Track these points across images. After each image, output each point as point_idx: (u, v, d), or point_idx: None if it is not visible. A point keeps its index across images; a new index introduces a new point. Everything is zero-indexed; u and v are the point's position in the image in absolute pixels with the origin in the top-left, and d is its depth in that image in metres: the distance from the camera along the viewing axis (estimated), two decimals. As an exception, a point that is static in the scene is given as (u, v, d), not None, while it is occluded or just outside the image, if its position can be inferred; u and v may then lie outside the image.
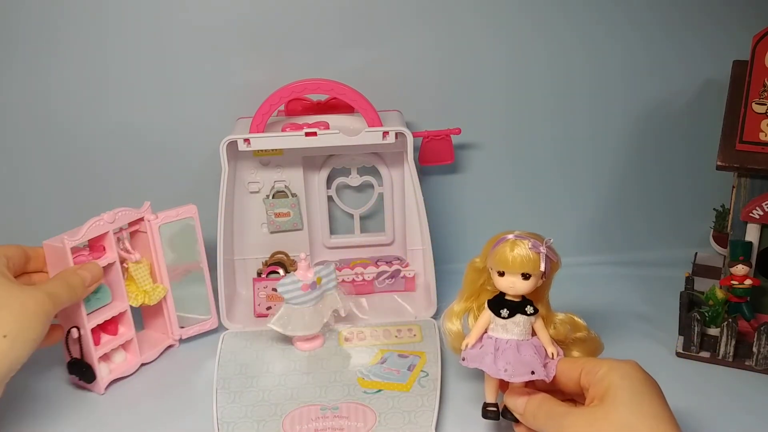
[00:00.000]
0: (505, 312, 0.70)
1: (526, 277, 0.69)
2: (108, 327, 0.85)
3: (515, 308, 0.70)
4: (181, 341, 0.92)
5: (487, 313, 0.71)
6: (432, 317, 0.93)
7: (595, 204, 1.07)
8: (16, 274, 0.78)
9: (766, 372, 0.83)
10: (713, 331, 0.85)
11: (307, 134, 0.88)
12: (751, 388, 0.81)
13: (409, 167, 0.91)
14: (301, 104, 0.94)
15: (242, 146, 0.88)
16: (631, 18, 0.97)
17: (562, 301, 0.76)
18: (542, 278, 0.70)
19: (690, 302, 0.85)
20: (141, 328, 0.92)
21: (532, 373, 0.68)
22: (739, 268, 0.82)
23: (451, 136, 0.98)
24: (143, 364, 0.88)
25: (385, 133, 0.88)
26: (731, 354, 0.84)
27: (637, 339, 0.90)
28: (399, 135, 0.89)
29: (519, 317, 0.70)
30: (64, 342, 0.82)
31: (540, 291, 0.72)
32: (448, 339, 0.77)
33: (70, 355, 0.83)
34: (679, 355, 0.87)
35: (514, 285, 0.69)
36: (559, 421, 0.63)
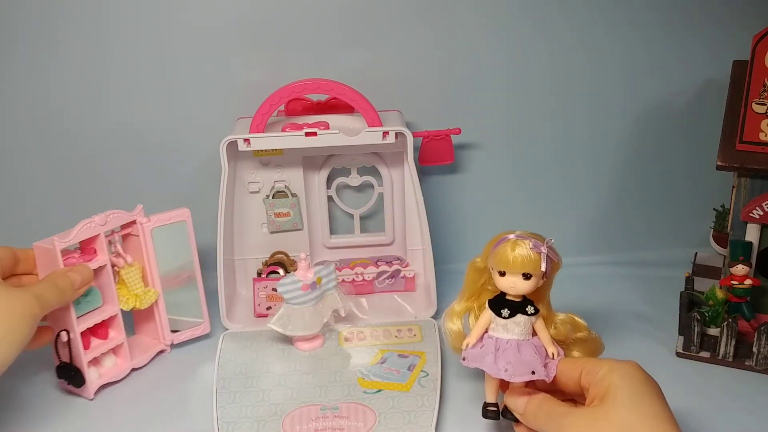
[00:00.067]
0: (505, 312, 0.70)
1: (527, 277, 0.69)
2: (98, 331, 0.83)
3: (516, 308, 0.70)
4: (173, 346, 0.91)
5: (488, 313, 0.71)
6: (432, 317, 0.93)
7: (595, 204, 1.07)
8: (4, 275, 0.77)
9: (766, 372, 0.83)
10: (713, 331, 0.85)
11: (307, 134, 0.88)
12: (751, 388, 0.81)
13: (409, 167, 0.91)
14: (301, 104, 0.94)
15: (242, 146, 0.88)
16: (631, 18, 0.97)
17: (563, 301, 0.76)
18: (543, 278, 0.70)
19: (690, 302, 0.85)
20: (132, 333, 0.90)
21: (533, 373, 0.68)
22: (739, 268, 0.82)
23: (451, 136, 0.98)
24: (134, 370, 0.86)
25: (385, 133, 0.88)
26: (731, 354, 0.84)
27: (637, 339, 0.90)
28: (399, 135, 0.89)
29: (520, 317, 0.70)
30: (53, 345, 0.80)
31: (541, 291, 0.72)
32: (449, 338, 0.77)
33: (59, 358, 0.81)
34: (679, 355, 0.87)
35: (515, 285, 0.69)
36: (559, 421, 0.63)
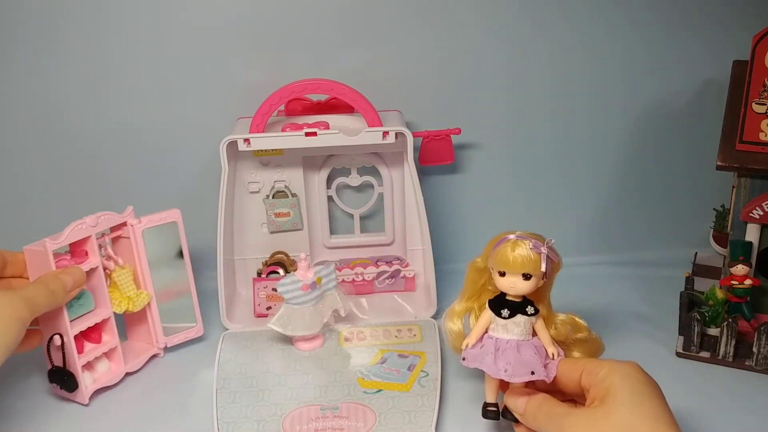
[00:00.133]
0: (505, 312, 0.70)
1: (527, 277, 0.69)
2: (91, 335, 0.82)
3: (516, 308, 0.70)
4: (166, 350, 0.90)
5: (488, 313, 0.71)
6: (432, 317, 0.93)
7: (595, 204, 1.07)
8: None
9: (766, 372, 0.83)
10: (713, 331, 0.85)
11: (307, 134, 0.87)
12: (751, 388, 0.81)
13: (409, 167, 0.91)
14: (301, 104, 0.94)
15: (242, 146, 0.88)
16: (631, 18, 0.97)
17: (562, 301, 0.76)
18: (543, 279, 0.70)
19: (690, 302, 0.85)
20: (124, 337, 0.89)
21: (532, 374, 0.68)
22: (739, 268, 0.82)
23: (451, 136, 0.98)
24: (128, 374, 0.85)
25: (385, 133, 0.88)
26: (731, 354, 0.84)
27: (637, 339, 0.90)
28: (399, 135, 0.89)
29: (520, 317, 0.70)
30: (46, 349, 0.79)
31: (541, 291, 0.72)
32: (449, 339, 0.77)
33: (52, 363, 0.79)
34: (679, 355, 0.87)
35: (515, 285, 0.69)
36: (559, 422, 0.63)
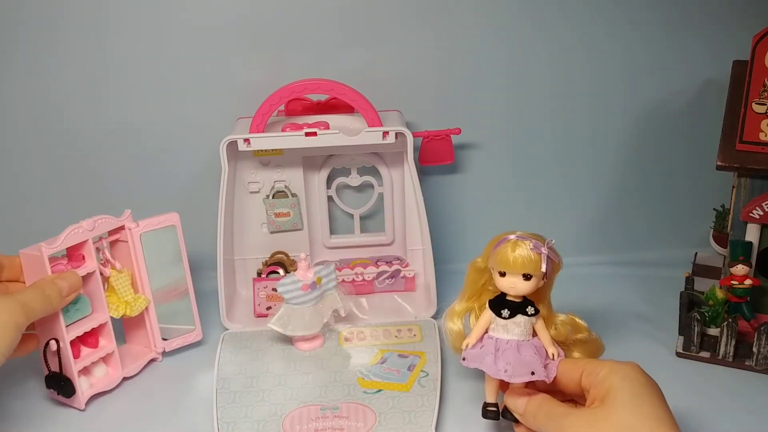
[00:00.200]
0: (506, 312, 0.70)
1: (527, 277, 0.69)
2: (88, 339, 0.81)
3: (516, 309, 0.70)
4: (165, 354, 0.89)
5: (488, 313, 0.71)
6: (432, 317, 0.93)
7: (595, 204, 1.07)
8: None
9: (766, 372, 0.83)
10: (713, 331, 0.85)
11: (307, 134, 0.87)
12: (751, 388, 0.81)
13: (409, 167, 0.91)
14: (301, 104, 0.94)
15: (242, 146, 0.88)
16: (631, 18, 0.97)
17: (562, 301, 0.76)
18: (543, 279, 0.70)
19: (690, 302, 0.85)
20: (122, 341, 0.88)
21: (532, 374, 0.68)
22: (739, 268, 0.82)
23: (451, 136, 0.98)
24: (125, 379, 0.84)
25: (385, 133, 0.88)
26: (731, 354, 0.84)
27: (637, 339, 0.90)
28: (399, 135, 0.89)
29: (520, 318, 0.70)
30: (42, 355, 0.78)
31: (541, 292, 0.72)
32: (450, 339, 0.77)
33: (48, 368, 0.79)
34: (679, 355, 0.87)
35: (515, 285, 0.69)
36: (559, 422, 0.63)
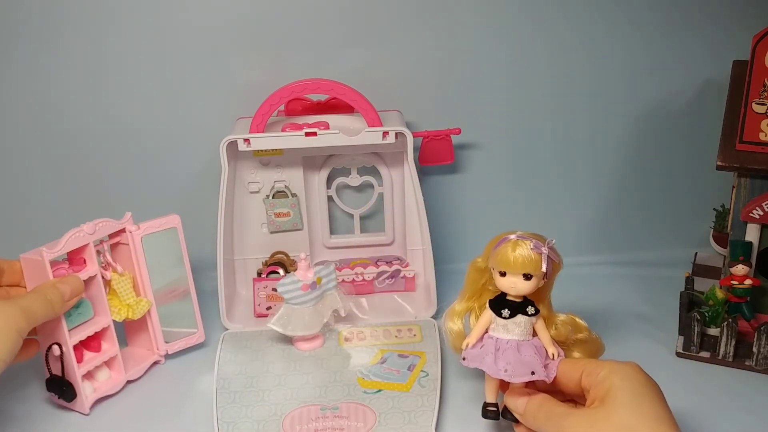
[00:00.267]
0: (506, 312, 0.70)
1: (527, 277, 0.69)
2: (90, 343, 0.81)
3: (516, 308, 0.70)
4: (167, 357, 0.88)
5: (488, 313, 0.71)
6: (432, 317, 0.93)
7: (595, 204, 1.07)
8: None
9: (766, 372, 0.83)
10: (713, 331, 0.85)
11: (307, 134, 0.87)
12: (751, 388, 0.81)
13: (409, 167, 0.91)
14: (301, 104, 0.94)
15: (242, 146, 0.88)
16: (631, 18, 0.97)
17: (562, 301, 0.76)
18: (544, 279, 0.70)
19: (690, 302, 0.85)
20: (123, 344, 0.88)
21: (532, 374, 0.68)
22: (739, 268, 0.82)
23: (451, 136, 0.98)
24: (129, 382, 0.84)
25: (385, 133, 0.88)
26: (731, 354, 0.84)
27: (637, 339, 0.90)
28: (399, 135, 0.89)
29: (520, 317, 0.70)
30: (44, 359, 0.77)
31: (542, 291, 0.72)
32: (450, 338, 0.77)
33: (50, 372, 0.78)
34: (679, 355, 0.87)
35: (516, 285, 0.69)
36: (559, 422, 0.63)
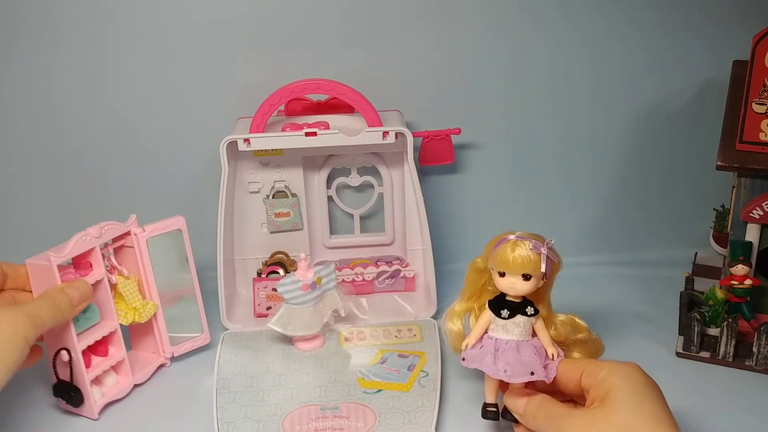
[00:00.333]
0: (505, 312, 0.70)
1: (526, 278, 0.69)
2: (98, 348, 0.80)
3: (516, 309, 0.70)
4: (173, 359, 0.88)
5: (488, 314, 0.71)
6: (432, 317, 0.93)
7: (595, 204, 1.07)
8: None
9: (766, 372, 0.83)
10: (713, 331, 0.85)
11: (307, 134, 0.87)
12: (751, 388, 0.81)
13: (409, 167, 0.91)
14: (301, 104, 0.94)
15: (242, 146, 0.88)
16: (631, 18, 0.97)
17: (562, 301, 0.76)
18: (543, 279, 0.70)
19: (690, 302, 0.85)
20: (128, 346, 0.86)
21: (532, 374, 0.68)
22: (739, 268, 0.82)
23: (451, 136, 0.98)
24: (136, 386, 0.84)
25: (385, 133, 0.88)
26: (731, 354, 0.84)
27: (637, 339, 0.90)
28: (399, 135, 0.89)
29: (519, 318, 0.70)
30: (51, 364, 0.77)
31: (541, 292, 0.72)
32: (449, 339, 0.77)
33: (57, 377, 0.78)
34: (679, 355, 0.87)
35: (515, 286, 0.69)
36: (559, 422, 0.63)
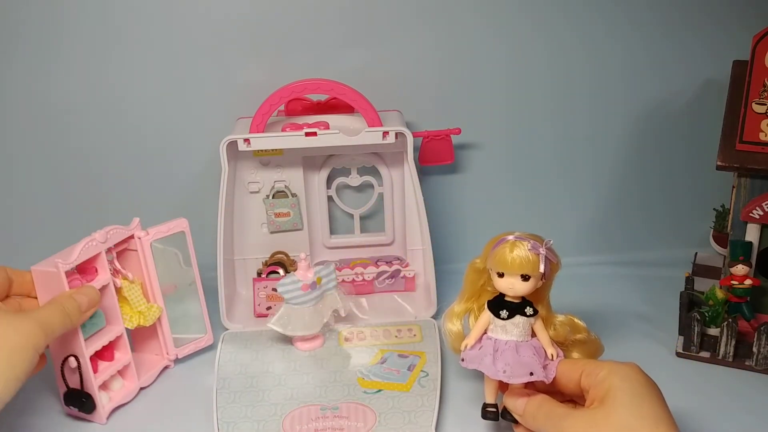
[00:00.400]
0: (504, 313, 0.70)
1: (525, 278, 0.69)
2: (104, 353, 0.80)
3: (515, 309, 0.70)
4: (176, 361, 0.88)
5: (487, 314, 0.71)
6: (432, 317, 0.93)
7: (595, 204, 1.07)
8: (0, 299, 0.71)
9: (766, 372, 0.83)
10: (713, 331, 0.85)
11: (307, 134, 0.87)
12: (751, 388, 0.81)
13: (409, 167, 0.91)
14: (301, 104, 0.94)
15: (242, 146, 0.88)
16: (631, 18, 0.97)
17: (562, 302, 0.76)
18: (542, 279, 0.70)
19: (690, 302, 0.85)
20: (131, 351, 0.86)
21: (531, 375, 0.68)
22: (739, 268, 0.82)
23: (451, 136, 0.98)
24: (141, 389, 0.84)
25: (385, 133, 0.88)
26: (731, 354, 0.84)
27: (637, 339, 0.90)
28: (399, 135, 0.89)
29: (518, 318, 0.70)
30: (60, 372, 0.76)
31: (540, 292, 0.72)
32: (449, 339, 0.77)
33: (67, 385, 0.77)
34: (679, 355, 0.87)
35: (514, 286, 0.69)
36: (558, 423, 0.63)
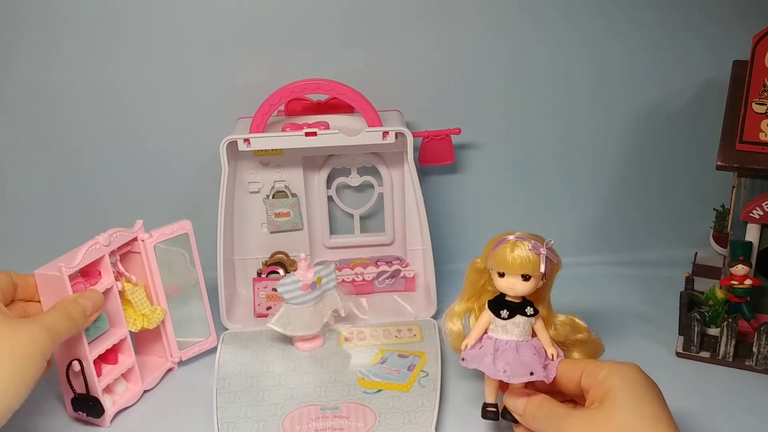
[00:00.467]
0: (504, 313, 0.70)
1: (526, 278, 0.69)
2: (108, 356, 0.80)
3: (515, 309, 0.70)
4: (180, 363, 0.88)
5: (487, 314, 0.71)
6: (432, 317, 0.93)
7: (595, 204, 1.07)
8: (5, 304, 0.70)
9: (766, 372, 0.83)
10: (713, 331, 0.85)
11: (307, 134, 0.87)
12: (751, 388, 0.81)
13: (409, 167, 0.91)
14: (301, 104, 0.94)
15: (242, 146, 0.88)
16: (631, 18, 0.97)
17: (562, 301, 0.76)
18: (543, 279, 0.70)
19: (690, 302, 0.85)
20: (135, 353, 0.85)
21: (531, 375, 0.68)
22: (739, 268, 0.82)
23: (451, 136, 0.98)
24: (145, 391, 0.83)
25: (385, 133, 0.88)
26: (731, 354, 0.84)
27: (637, 339, 0.90)
28: (399, 135, 0.89)
29: (519, 318, 0.70)
30: (65, 377, 0.76)
31: (541, 292, 0.72)
32: (449, 339, 0.77)
33: (74, 390, 0.76)
34: (679, 355, 0.87)
35: (514, 286, 0.69)
36: (558, 423, 0.63)
